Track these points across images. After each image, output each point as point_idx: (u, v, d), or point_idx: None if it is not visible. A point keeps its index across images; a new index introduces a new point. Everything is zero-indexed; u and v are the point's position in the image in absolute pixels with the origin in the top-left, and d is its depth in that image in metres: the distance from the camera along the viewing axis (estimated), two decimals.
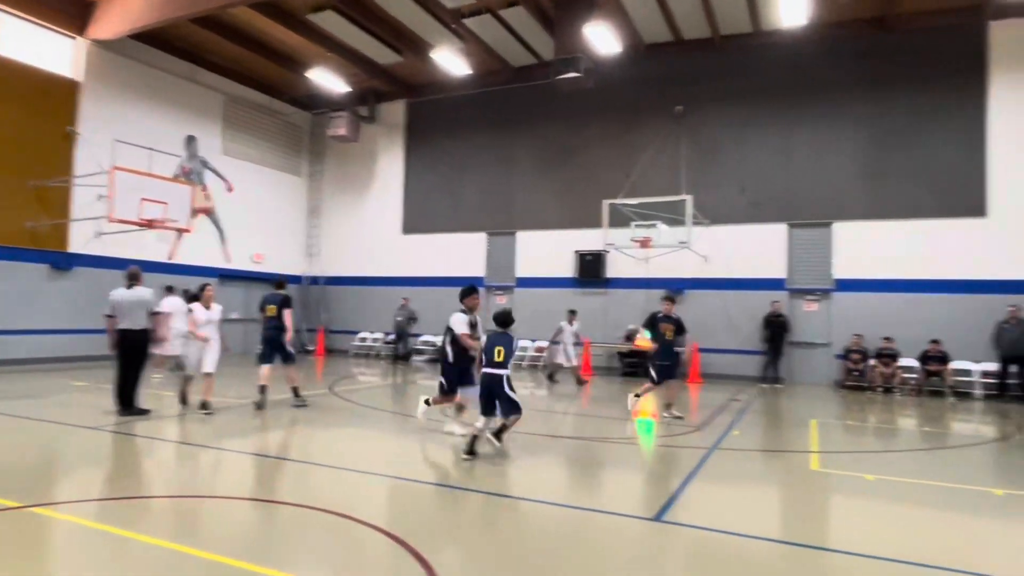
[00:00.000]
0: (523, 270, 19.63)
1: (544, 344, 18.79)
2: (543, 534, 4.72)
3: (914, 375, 14.63)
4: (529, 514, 5.29)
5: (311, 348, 21.39)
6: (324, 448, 7.62)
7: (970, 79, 14.98)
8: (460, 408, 8.15)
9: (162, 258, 17.67)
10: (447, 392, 8.09)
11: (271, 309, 9.87)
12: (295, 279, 22.38)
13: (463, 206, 20.50)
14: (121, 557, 3.97)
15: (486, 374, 6.92)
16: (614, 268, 18.20)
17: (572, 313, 15.20)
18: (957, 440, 9.45)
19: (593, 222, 17.20)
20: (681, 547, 4.56)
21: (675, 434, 8.84)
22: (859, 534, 4.97)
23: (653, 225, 16.18)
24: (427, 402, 8.59)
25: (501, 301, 20.03)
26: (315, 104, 21.84)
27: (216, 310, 9.30)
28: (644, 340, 10.60)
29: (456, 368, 7.88)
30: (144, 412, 8.64)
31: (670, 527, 4.84)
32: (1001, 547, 4.84)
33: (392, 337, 19.85)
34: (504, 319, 7.32)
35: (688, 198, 15.49)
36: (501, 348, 6.93)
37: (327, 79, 19.09)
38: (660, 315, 10.16)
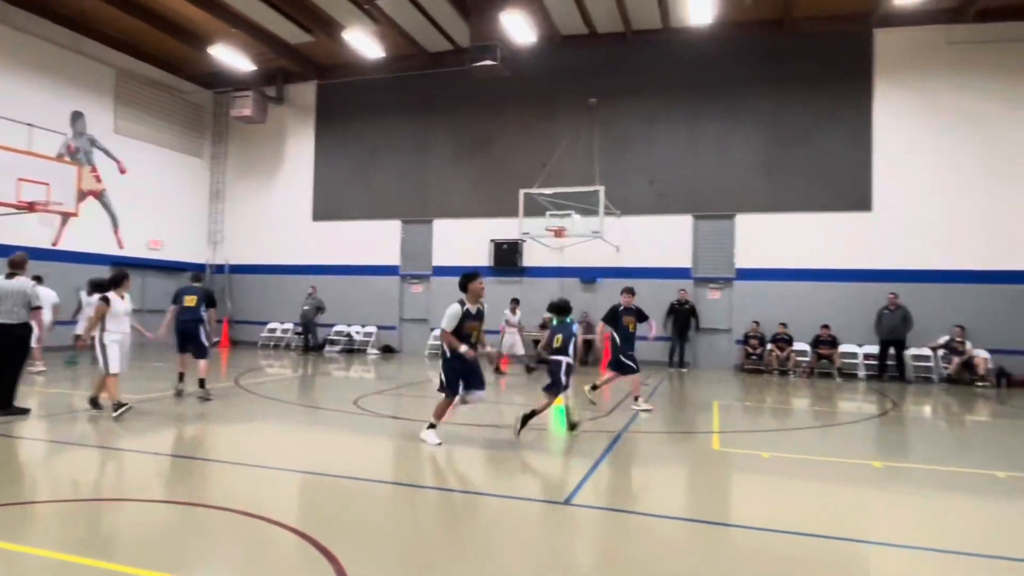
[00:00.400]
0: (440, 259, 19.48)
1: None
2: (454, 523, 4.71)
3: (806, 358, 15.68)
4: (441, 504, 5.28)
5: (215, 340, 20.35)
6: (229, 444, 7.29)
7: (858, 82, 16.09)
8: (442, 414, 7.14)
9: (46, 244, 16.30)
10: (451, 394, 6.98)
11: (191, 299, 9.43)
12: (198, 267, 21.21)
13: (377, 192, 20.07)
14: (4, 574, 3.64)
15: (553, 360, 7.59)
16: (530, 257, 18.39)
17: (515, 302, 15.28)
18: (842, 418, 10.20)
19: (509, 211, 17.26)
20: (589, 528, 4.68)
21: (586, 419, 9.05)
22: (755, 509, 5.27)
23: (568, 215, 16.44)
24: (432, 426, 7.11)
25: (416, 291, 19.82)
26: (218, 82, 20.69)
27: (128, 300, 8.28)
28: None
29: (461, 367, 6.85)
30: (23, 411, 7.95)
31: (579, 509, 4.95)
32: (881, 515, 5.26)
33: (299, 328, 19.16)
34: (560, 308, 7.85)
35: (600, 189, 15.82)
36: (560, 336, 7.63)
37: (231, 57, 18.10)
38: (621, 308, 9.94)
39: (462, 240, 19.09)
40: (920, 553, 4.30)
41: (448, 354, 6.90)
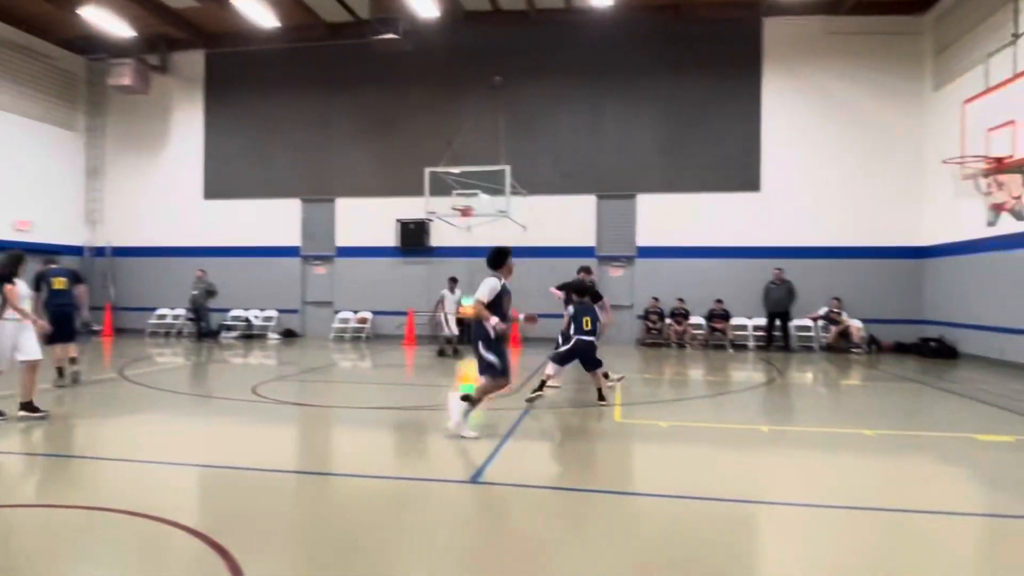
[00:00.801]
0: (343, 239, 18.91)
1: (368, 315, 18.39)
2: (360, 509, 4.62)
3: (701, 331, 16.52)
4: (347, 490, 5.16)
5: (97, 328, 18.92)
6: (113, 440, 6.78)
7: (749, 68, 16.90)
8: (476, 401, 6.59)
9: None
10: (500, 374, 6.51)
11: (61, 282, 8.70)
12: (75, 250, 19.58)
13: (275, 170, 19.15)
14: None
15: (581, 341, 8.01)
16: (437, 237, 18.19)
17: (453, 281, 14.87)
18: (734, 387, 10.84)
19: (415, 190, 16.95)
20: (495, 505, 4.72)
21: (494, 397, 9.13)
22: (655, 477, 5.51)
23: (474, 194, 16.36)
24: (469, 399, 6.46)
25: (319, 272, 19.19)
26: (92, 48, 18.95)
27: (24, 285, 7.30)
28: (467, 308, 10.57)
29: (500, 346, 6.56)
30: None
31: (485, 487, 4.98)
32: (768, 476, 5.63)
33: (190, 314, 17.98)
34: (580, 288, 8.10)
35: (507, 168, 15.84)
36: (588, 318, 8.05)
37: (105, 19, 16.58)
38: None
39: (367, 219, 18.61)
40: (802, 509, 4.64)
41: (493, 334, 6.51)
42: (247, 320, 18.72)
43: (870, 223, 16.34)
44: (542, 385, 8.32)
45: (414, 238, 18.21)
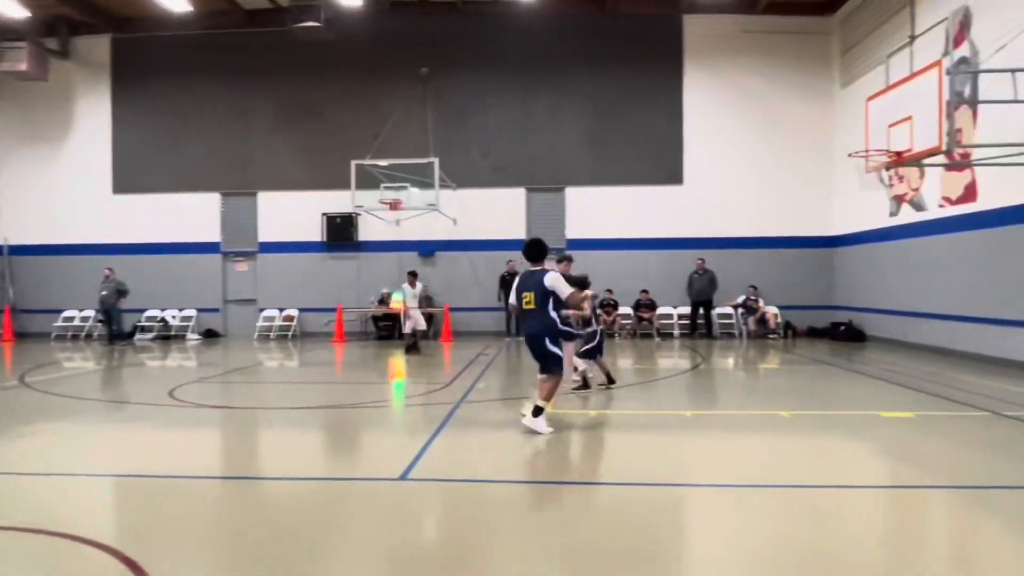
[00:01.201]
0: (266, 234, 18.26)
1: (294, 312, 17.87)
2: (284, 513, 4.47)
3: (629, 321, 16.92)
4: (271, 495, 4.99)
5: None
6: (13, 452, 6.30)
7: (671, 63, 17.35)
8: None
9: None
10: (562, 369, 6.47)
11: None
12: None
13: (191, 163, 18.25)
14: None
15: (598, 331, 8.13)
16: (365, 231, 17.84)
17: (412, 275, 13.69)
18: (660, 374, 11.15)
19: (341, 183, 16.58)
20: (426, 501, 4.68)
21: (425, 392, 9.05)
22: (584, 465, 5.60)
23: (403, 187, 16.14)
24: (542, 409, 6.33)
25: (241, 269, 18.47)
26: None
27: None
28: (397, 302, 10.43)
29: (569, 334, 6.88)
30: None
31: (416, 484, 4.93)
32: (692, 459, 5.82)
33: (100, 316, 16.85)
34: (582, 283, 7.78)
35: (435, 161, 15.71)
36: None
37: None
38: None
39: (291, 214, 18.03)
40: (724, 490, 4.82)
41: (568, 329, 6.63)
42: (163, 320, 17.83)
43: (784, 214, 17.13)
44: (586, 382, 8.55)
45: (341, 232, 17.79)
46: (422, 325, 13.91)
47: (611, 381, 8.79)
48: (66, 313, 18.15)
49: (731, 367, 12.14)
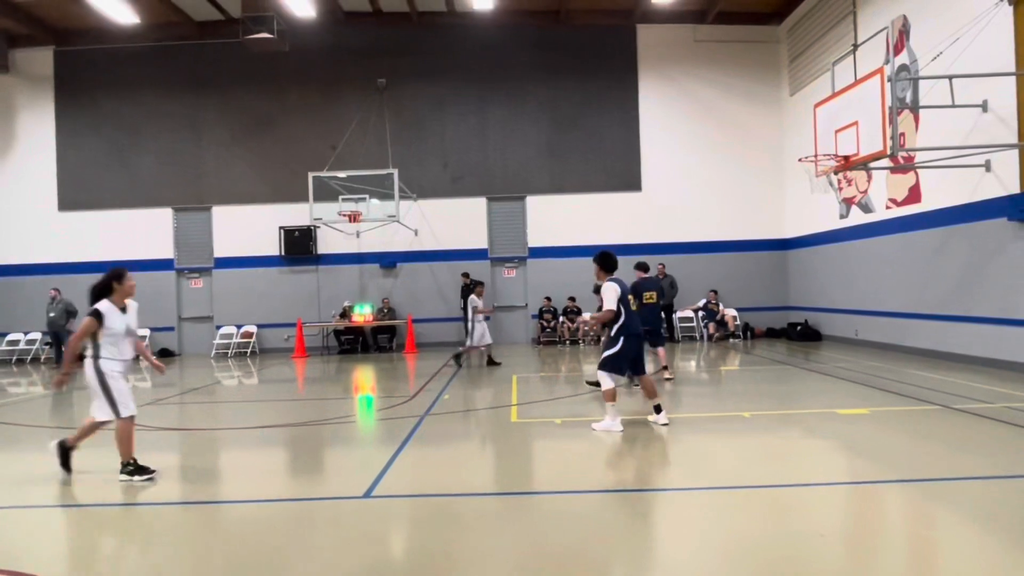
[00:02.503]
0: (222, 249, 17.85)
1: (252, 329, 17.48)
2: (246, 537, 4.34)
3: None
4: (231, 518, 4.84)
5: None
6: None
7: (625, 72, 17.62)
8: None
9: None
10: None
11: None
12: None
13: (140, 177, 17.75)
14: None
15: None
16: (324, 244, 17.60)
17: (481, 284, 13.17)
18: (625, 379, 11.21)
19: (299, 196, 16.34)
20: (391, 519, 4.60)
21: (389, 406, 8.93)
22: (550, 474, 5.59)
23: (363, 199, 15.98)
24: (611, 397, 6.80)
25: (196, 285, 18.01)
26: None
27: (133, 313, 6.21)
28: (360, 315, 10.25)
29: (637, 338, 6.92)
30: None
31: (380, 501, 4.84)
32: (655, 465, 5.86)
33: (48, 338, 16.18)
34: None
35: (394, 172, 15.60)
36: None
37: None
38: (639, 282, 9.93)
39: (247, 228, 17.68)
40: (688, 493, 4.86)
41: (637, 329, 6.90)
42: None
43: (740, 218, 17.52)
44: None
45: (299, 246, 17.50)
46: (487, 340, 12.86)
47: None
48: (10, 336, 17.39)
49: (693, 370, 12.31)
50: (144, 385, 12.66)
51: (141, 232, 17.69)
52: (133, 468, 5.50)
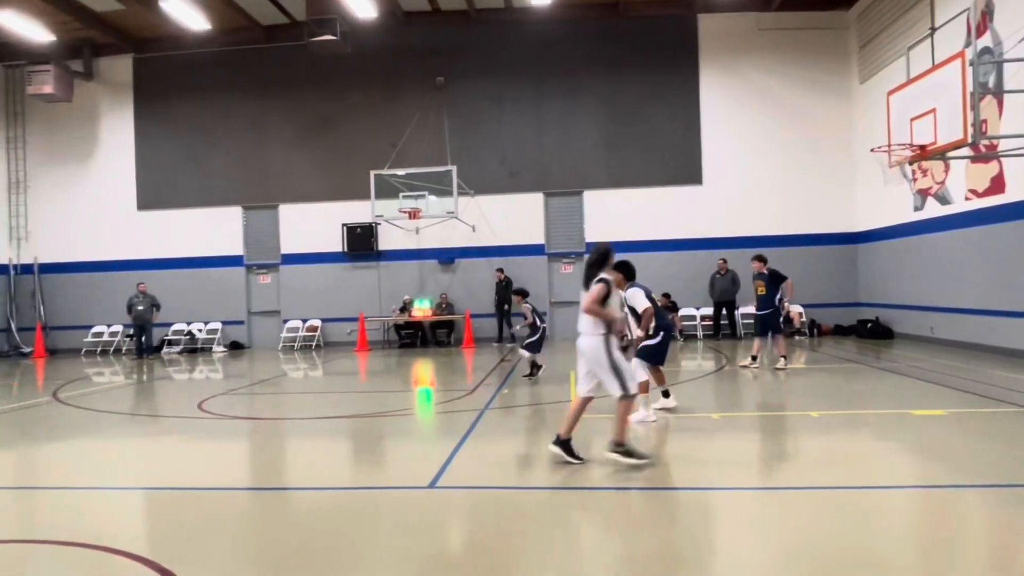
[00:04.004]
0: (288, 246, 18.48)
1: (316, 323, 18.03)
2: (315, 524, 4.51)
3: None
4: (301, 505, 5.04)
5: (27, 350, 18.00)
6: (49, 467, 6.44)
7: (686, 64, 17.27)
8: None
9: None
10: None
11: None
12: (0, 268, 18.58)
13: (212, 177, 18.54)
14: None
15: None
16: (385, 240, 17.97)
17: (520, 294, 13.04)
18: (684, 376, 11.05)
19: (360, 194, 16.76)
20: (455, 509, 4.69)
21: (450, 399, 9.08)
22: (609, 470, 5.56)
23: (422, 196, 16.25)
24: (646, 387, 7.05)
25: (264, 281, 18.70)
26: (9, 54, 17.99)
27: None
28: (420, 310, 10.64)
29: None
30: None
31: (444, 492, 4.94)
32: (722, 462, 5.76)
33: (132, 330, 17.05)
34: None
35: (453, 169, 15.80)
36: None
37: (23, 25, 15.74)
38: (755, 274, 11.04)
39: (312, 225, 18.22)
40: (757, 493, 4.76)
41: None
42: (190, 334, 18.11)
43: (806, 212, 16.93)
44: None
45: (361, 243, 17.93)
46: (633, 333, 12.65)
47: (532, 372, 10.30)
48: (95, 329, 18.50)
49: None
50: (216, 377, 13.26)
51: (213, 230, 18.50)
52: (624, 451, 5.33)
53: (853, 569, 3.41)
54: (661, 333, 7.20)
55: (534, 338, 10.11)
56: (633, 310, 7.02)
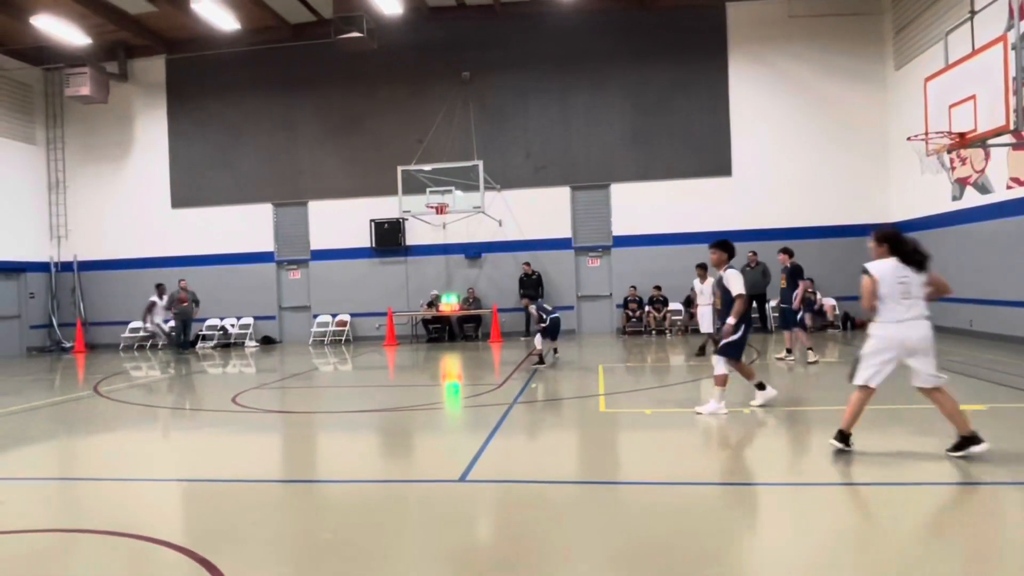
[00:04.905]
0: (317, 242, 18.71)
1: (346, 318, 18.23)
2: (348, 515, 4.58)
3: (680, 317, 16.65)
4: (335, 497, 5.11)
5: (68, 345, 18.53)
6: (90, 459, 6.64)
7: (714, 54, 17.02)
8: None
9: None
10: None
11: None
12: (41, 266, 19.16)
13: (243, 175, 18.85)
14: None
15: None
16: (412, 235, 18.09)
17: (702, 268, 12.12)
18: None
19: (387, 189, 16.88)
20: (484, 503, 4.71)
21: (478, 394, 9.12)
22: (641, 465, 5.54)
23: (448, 191, 16.30)
24: (723, 382, 6.94)
25: (295, 276, 18.97)
26: (48, 58, 18.44)
27: None
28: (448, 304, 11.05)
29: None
30: None
31: (475, 485, 4.97)
32: (753, 458, 5.69)
33: (171, 324, 17.37)
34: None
35: (479, 163, 15.82)
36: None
37: (60, 28, 16.11)
38: (782, 268, 11.37)
39: (340, 221, 18.43)
40: (785, 489, 4.69)
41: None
42: (223, 329, 18.46)
43: (839, 202, 16.58)
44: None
45: (389, 238, 18.08)
46: (705, 327, 11.60)
47: (541, 361, 11.10)
48: (133, 324, 18.95)
49: (788, 361, 11.81)
50: (249, 371, 13.51)
51: (244, 226, 18.81)
52: (840, 436, 5.23)
53: (890, 565, 3.34)
54: (743, 326, 6.91)
55: (545, 325, 11.19)
56: (725, 294, 6.82)
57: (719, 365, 6.91)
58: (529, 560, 3.65)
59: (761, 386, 7.22)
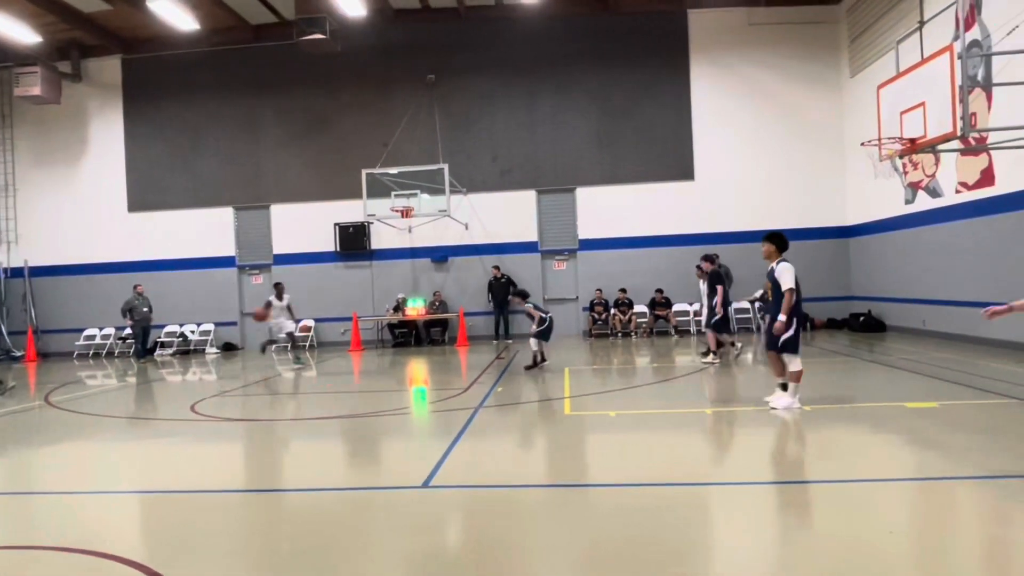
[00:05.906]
0: (280, 246, 18.40)
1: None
2: (310, 524, 4.49)
3: (645, 320, 16.84)
4: (296, 506, 5.02)
5: (19, 354, 17.88)
6: (39, 472, 6.40)
7: (677, 59, 17.28)
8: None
9: None
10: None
11: None
12: None
13: (203, 178, 18.45)
14: None
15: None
16: (377, 239, 17.93)
17: (699, 268, 12.24)
18: (678, 371, 11.08)
19: (352, 193, 16.70)
20: (449, 508, 4.68)
21: (444, 399, 9.07)
22: (605, 467, 5.57)
23: (414, 194, 16.21)
24: (786, 386, 6.99)
25: (257, 281, 18.62)
26: None
27: None
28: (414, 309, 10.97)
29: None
30: None
31: (438, 491, 4.93)
32: (713, 458, 5.76)
33: (128, 332, 16.88)
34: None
35: (444, 167, 15.77)
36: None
37: (8, 26, 15.58)
38: (700, 274, 11.64)
39: (304, 225, 18.16)
40: (747, 488, 4.77)
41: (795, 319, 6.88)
42: (183, 335, 18.02)
43: (798, 206, 16.98)
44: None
45: (353, 242, 17.88)
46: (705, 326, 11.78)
47: (535, 364, 10.91)
48: (88, 331, 18.38)
49: (750, 362, 12.04)
50: (209, 379, 13.20)
51: (205, 230, 18.41)
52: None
53: (854, 562, 3.42)
54: (795, 320, 6.85)
55: (543, 327, 11.05)
56: (776, 287, 6.73)
57: (793, 363, 6.87)
58: (494, 565, 3.64)
59: (784, 387, 7.13)
